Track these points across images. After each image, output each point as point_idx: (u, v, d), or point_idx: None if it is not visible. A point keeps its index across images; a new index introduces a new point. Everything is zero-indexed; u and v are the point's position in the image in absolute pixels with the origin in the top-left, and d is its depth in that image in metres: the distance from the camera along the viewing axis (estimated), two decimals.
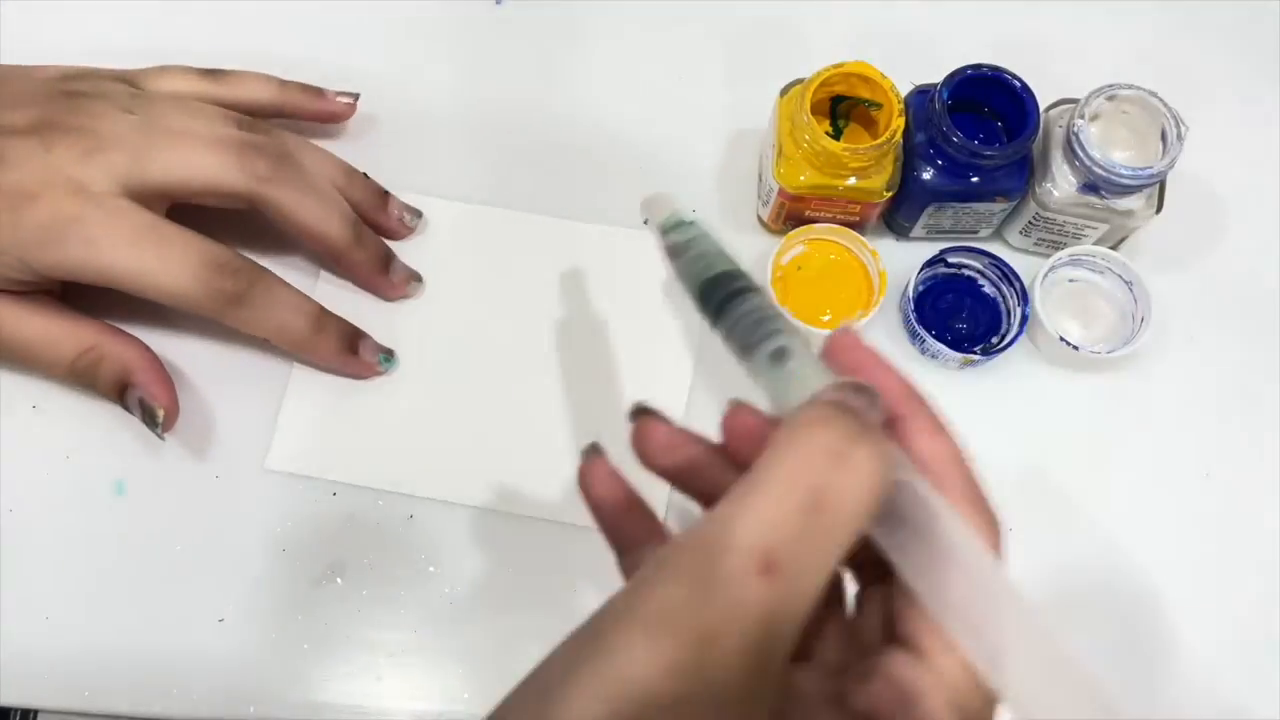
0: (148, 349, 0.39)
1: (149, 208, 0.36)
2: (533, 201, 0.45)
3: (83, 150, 0.35)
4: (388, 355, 0.42)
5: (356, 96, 0.44)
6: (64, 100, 0.37)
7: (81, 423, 0.40)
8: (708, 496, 0.26)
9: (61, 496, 0.40)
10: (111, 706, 0.37)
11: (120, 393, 0.38)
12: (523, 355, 0.42)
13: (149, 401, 0.38)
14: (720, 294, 0.26)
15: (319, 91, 0.44)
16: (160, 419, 0.38)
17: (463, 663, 0.38)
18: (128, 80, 0.40)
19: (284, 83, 0.43)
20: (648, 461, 0.26)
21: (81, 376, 0.38)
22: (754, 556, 0.20)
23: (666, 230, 0.29)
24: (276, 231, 0.40)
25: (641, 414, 0.26)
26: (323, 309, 0.40)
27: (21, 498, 0.39)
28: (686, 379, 0.42)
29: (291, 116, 0.44)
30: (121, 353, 0.38)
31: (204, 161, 0.36)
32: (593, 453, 0.28)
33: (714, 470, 0.25)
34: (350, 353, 0.41)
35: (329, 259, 0.41)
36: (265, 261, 0.38)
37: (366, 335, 0.41)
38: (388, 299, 0.43)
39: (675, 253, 0.28)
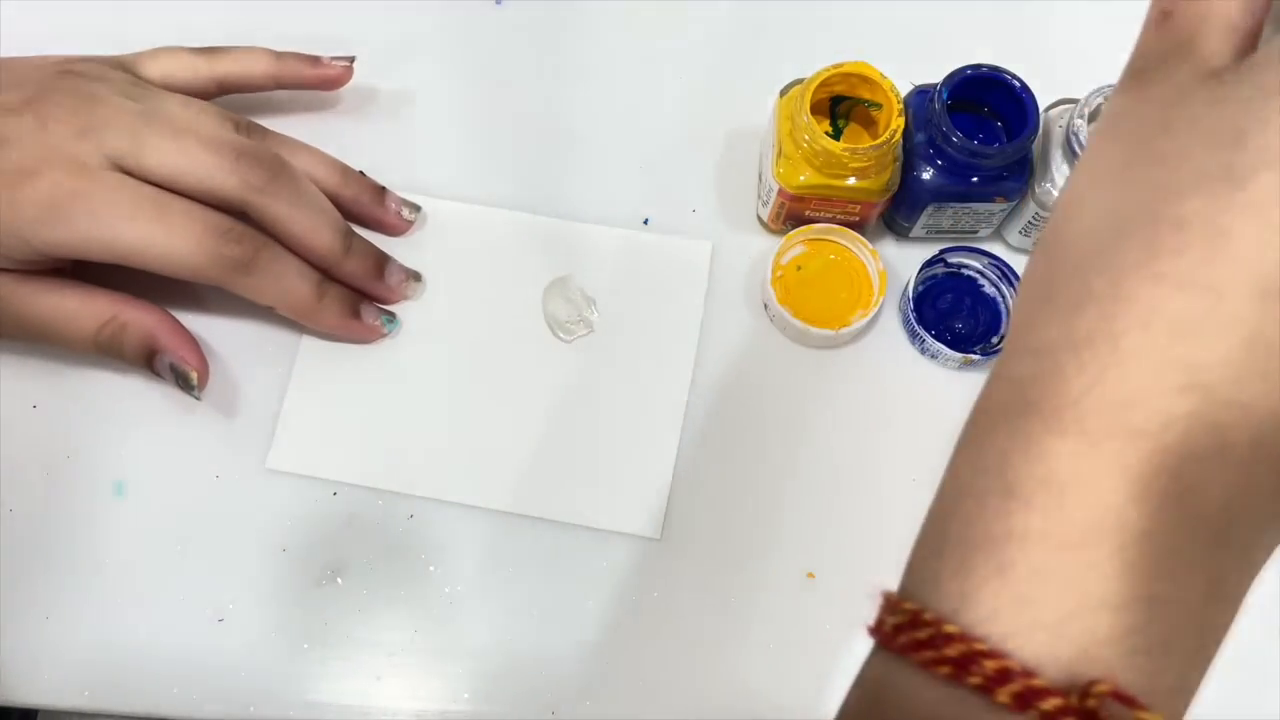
0: (167, 313, 0.39)
1: None
2: (533, 201, 0.45)
3: (80, 127, 0.35)
4: (390, 317, 0.42)
5: (352, 60, 0.45)
6: (61, 80, 0.37)
7: (81, 423, 0.40)
8: None
9: (61, 496, 0.40)
10: (111, 706, 0.37)
11: (148, 360, 0.38)
12: (522, 355, 0.42)
13: (180, 366, 0.38)
14: None
15: (315, 59, 0.44)
16: (194, 381, 0.38)
17: (463, 663, 0.38)
18: (125, 67, 0.40)
19: (279, 54, 0.43)
20: None
21: (106, 348, 0.38)
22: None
23: None
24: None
25: None
26: (323, 277, 0.40)
27: (21, 498, 0.39)
28: (686, 379, 0.42)
29: (290, 87, 0.44)
30: (143, 319, 0.38)
31: (201, 160, 0.36)
32: None
33: None
34: (353, 317, 0.41)
35: (320, 269, 0.40)
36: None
37: (367, 301, 0.42)
38: (386, 303, 0.43)
39: None
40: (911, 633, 0.20)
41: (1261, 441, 0.19)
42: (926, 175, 0.41)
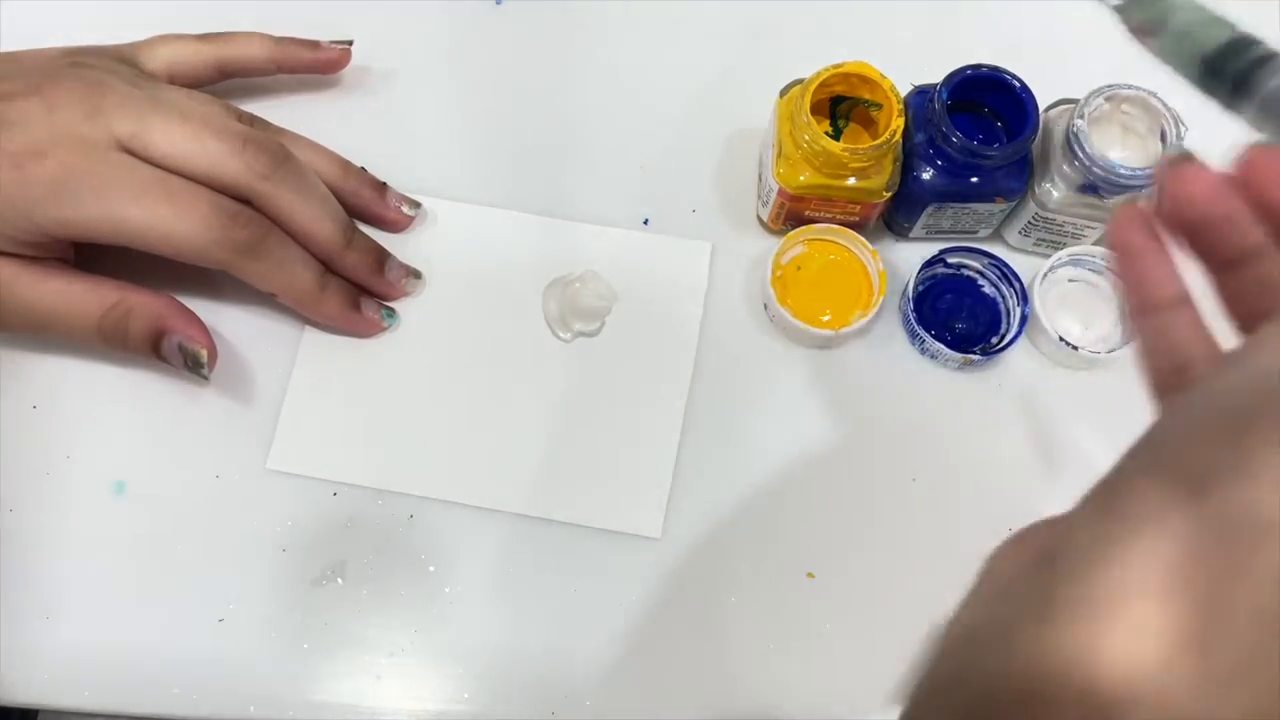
0: (173, 298, 0.39)
1: None
2: (533, 201, 0.45)
3: (88, 110, 0.36)
4: (390, 312, 0.42)
5: (350, 43, 0.45)
6: (68, 68, 0.37)
7: (81, 423, 0.40)
8: (1223, 259, 0.23)
9: (61, 496, 0.40)
10: (111, 706, 0.37)
11: (155, 344, 0.38)
12: (522, 355, 0.42)
13: (189, 345, 0.38)
14: (1236, 66, 0.24)
15: (314, 43, 0.44)
16: (204, 359, 0.38)
17: (463, 663, 0.38)
18: (128, 59, 0.40)
19: (279, 39, 0.44)
20: (1181, 210, 0.23)
21: (110, 334, 0.38)
22: None
23: (1125, 8, 0.27)
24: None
25: (1184, 159, 0.23)
26: (325, 268, 0.40)
27: (21, 498, 0.39)
28: (686, 379, 0.42)
29: (290, 70, 0.44)
30: (149, 303, 0.38)
31: (208, 145, 0.37)
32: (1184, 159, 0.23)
33: (1242, 227, 0.22)
34: (354, 309, 0.41)
35: (322, 260, 0.41)
36: None
37: (367, 295, 0.42)
38: (386, 299, 0.43)
39: (1146, 31, 0.26)
40: None
41: None
42: (926, 175, 0.41)
